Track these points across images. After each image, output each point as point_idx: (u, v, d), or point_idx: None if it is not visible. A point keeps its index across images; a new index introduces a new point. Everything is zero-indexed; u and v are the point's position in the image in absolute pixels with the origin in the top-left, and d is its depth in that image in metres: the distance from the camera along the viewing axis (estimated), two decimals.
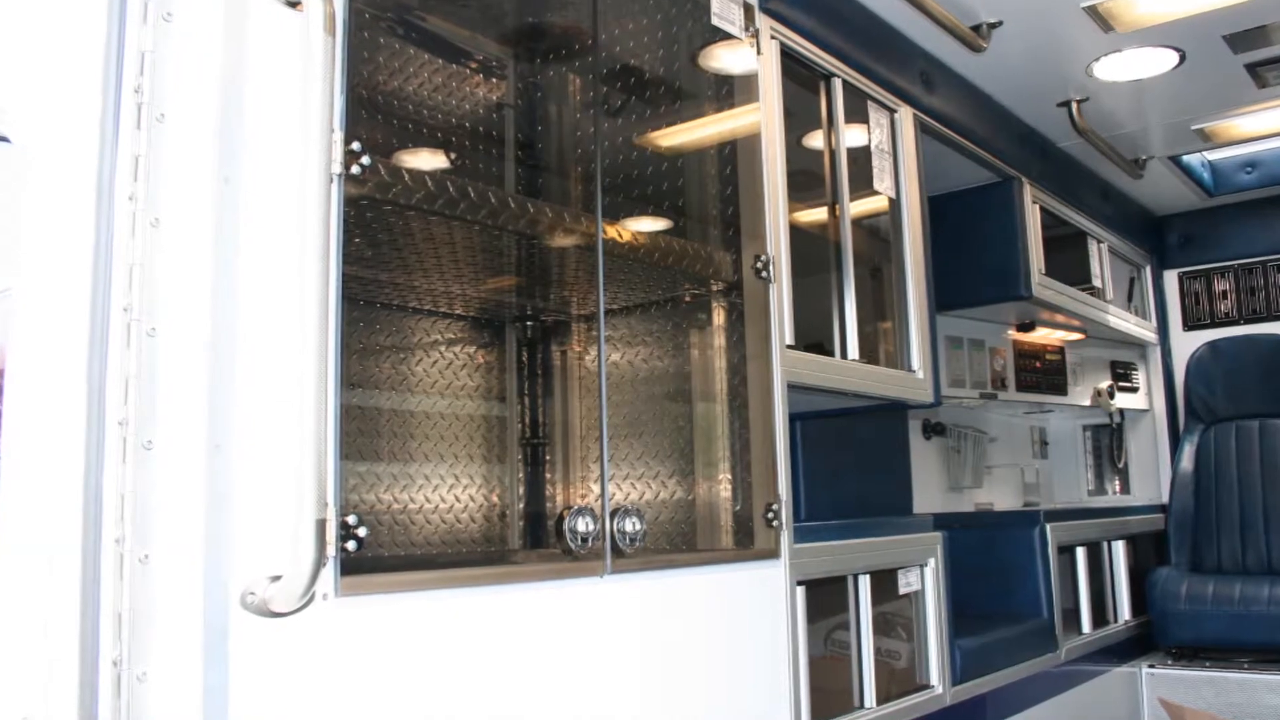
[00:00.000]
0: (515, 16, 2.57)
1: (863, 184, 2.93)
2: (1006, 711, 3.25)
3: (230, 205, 1.43)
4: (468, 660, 1.64)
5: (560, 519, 1.95)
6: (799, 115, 2.78)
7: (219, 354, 1.39)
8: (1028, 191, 3.85)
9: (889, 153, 3.05)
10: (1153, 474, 5.04)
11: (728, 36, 2.47)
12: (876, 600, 2.69)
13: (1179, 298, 5.16)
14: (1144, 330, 4.93)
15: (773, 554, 2.32)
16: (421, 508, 2.38)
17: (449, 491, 2.44)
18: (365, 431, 2.30)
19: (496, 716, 1.67)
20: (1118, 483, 5.17)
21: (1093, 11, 3.06)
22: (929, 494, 4.29)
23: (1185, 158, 4.52)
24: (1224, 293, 5.04)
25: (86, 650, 1.24)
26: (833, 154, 2.82)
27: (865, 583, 2.66)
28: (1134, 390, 5.06)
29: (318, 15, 1.46)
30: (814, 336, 2.68)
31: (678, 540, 2.48)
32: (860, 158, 2.94)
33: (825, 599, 2.59)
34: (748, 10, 2.50)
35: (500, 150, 2.56)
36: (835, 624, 2.67)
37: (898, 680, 2.82)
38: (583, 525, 1.94)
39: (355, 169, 1.57)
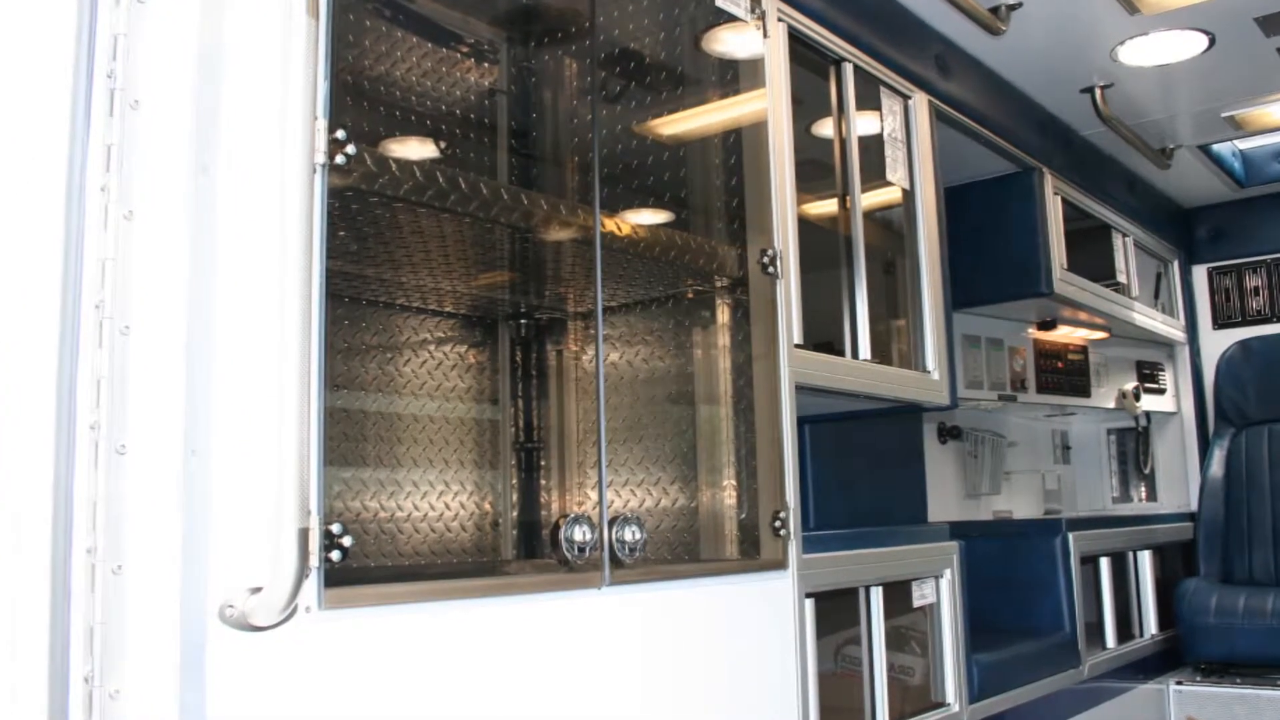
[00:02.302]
0: None
1: (875, 174, 2.93)
2: None
3: (208, 197, 1.43)
4: (458, 677, 1.64)
5: (556, 528, 1.95)
6: (808, 102, 2.78)
7: (196, 354, 1.39)
8: (1049, 182, 3.85)
9: (903, 141, 3.05)
10: (1181, 480, 5.04)
11: (733, 19, 2.47)
12: (889, 613, 2.70)
13: (1208, 294, 5.15)
14: (1171, 329, 4.93)
15: (780, 565, 2.33)
16: (410, 516, 2.38)
17: (439, 499, 2.44)
18: (350, 435, 2.31)
19: None
20: (1144, 489, 5.17)
21: None
22: (944, 501, 4.29)
23: (1215, 147, 4.52)
24: (1256, 289, 5.04)
25: (56, 666, 1.24)
26: (843, 143, 2.82)
27: (877, 595, 2.66)
28: (1161, 392, 5.06)
29: None
30: (823, 335, 2.68)
31: (680, 550, 2.48)
32: (872, 147, 2.94)
33: (835, 612, 2.59)
34: None
35: (493, 139, 2.56)
36: (846, 638, 2.67)
37: (912, 698, 2.82)
38: (580, 534, 1.94)
39: (339, 159, 1.57)
